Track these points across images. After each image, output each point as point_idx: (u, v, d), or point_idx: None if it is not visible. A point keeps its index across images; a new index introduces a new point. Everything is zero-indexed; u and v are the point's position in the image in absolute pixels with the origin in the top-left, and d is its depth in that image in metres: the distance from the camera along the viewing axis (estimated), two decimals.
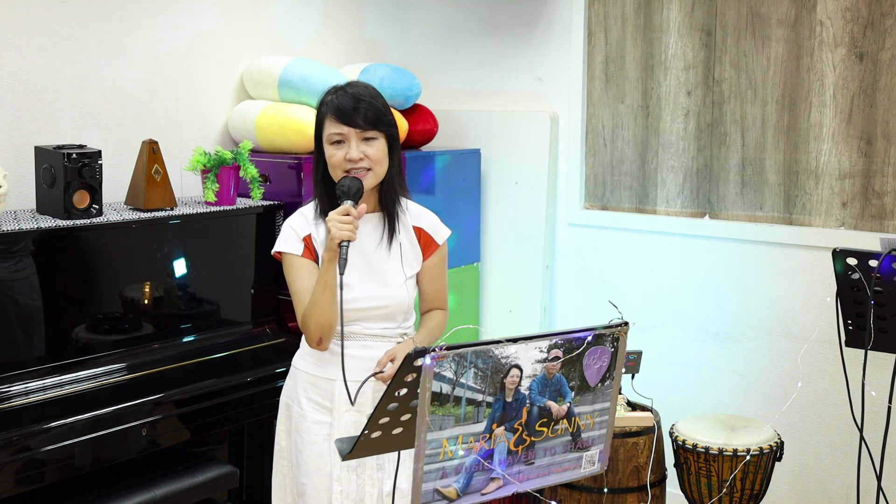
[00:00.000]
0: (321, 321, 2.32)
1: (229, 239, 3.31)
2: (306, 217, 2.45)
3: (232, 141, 3.74)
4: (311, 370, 2.45)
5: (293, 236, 2.42)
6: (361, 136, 2.35)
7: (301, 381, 2.46)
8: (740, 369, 3.69)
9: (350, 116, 2.33)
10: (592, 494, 3.18)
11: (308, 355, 2.46)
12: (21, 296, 2.75)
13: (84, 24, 3.25)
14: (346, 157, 2.33)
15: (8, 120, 3.08)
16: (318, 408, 2.43)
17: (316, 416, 2.42)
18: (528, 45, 4.16)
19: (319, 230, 2.41)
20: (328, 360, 2.41)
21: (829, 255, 2.87)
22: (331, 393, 2.41)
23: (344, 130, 2.34)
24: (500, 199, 4.23)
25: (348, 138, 2.34)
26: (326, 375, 2.42)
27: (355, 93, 2.37)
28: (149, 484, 2.82)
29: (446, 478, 1.72)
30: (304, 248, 2.40)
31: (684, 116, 3.77)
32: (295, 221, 2.44)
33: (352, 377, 2.38)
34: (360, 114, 2.34)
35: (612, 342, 1.87)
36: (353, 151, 2.33)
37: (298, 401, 2.46)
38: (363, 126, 2.34)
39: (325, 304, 2.30)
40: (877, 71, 3.33)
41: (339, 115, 2.34)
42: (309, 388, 2.44)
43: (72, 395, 2.75)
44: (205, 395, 2.94)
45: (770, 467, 3.13)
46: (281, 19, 3.93)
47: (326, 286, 2.29)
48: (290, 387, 2.51)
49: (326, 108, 2.38)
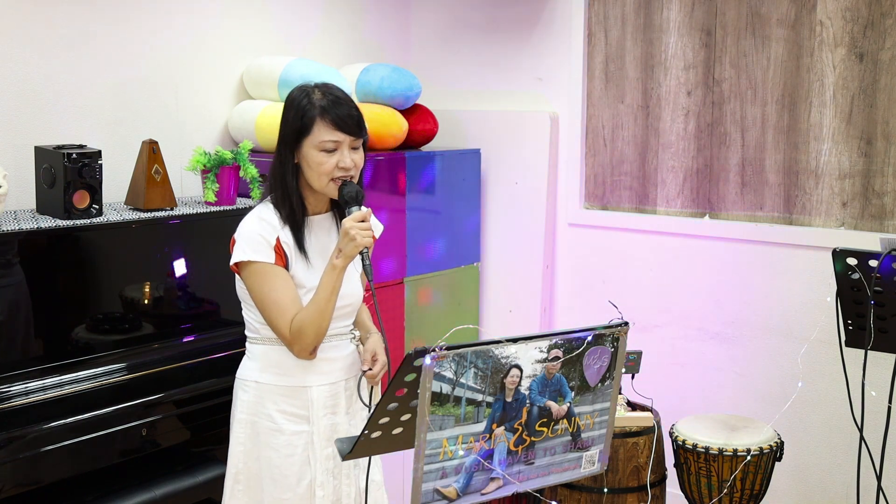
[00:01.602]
0: (322, 328, 2.27)
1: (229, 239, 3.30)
2: (269, 222, 2.32)
3: (232, 141, 3.74)
4: (282, 381, 2.36)
5: (263, 244, 2.29)
6: (353, 144, 2.30)
7: (268, 394, 2.36)
8: (740, 369, 3.69)
9: (347, 125, 2.27)
10: (592, 494, 3.18)
11: (273, 367, 2.37)
12: (21, 296, 2.75)
13: (84, 24, 3.25)
14: (339, 165, 2.28)
15: (8, 120, 3.08)
16: (293, 419, 2.36)
17: (293, 427, 2.35)
18: (528, 45, 4.16)
19: (287, 234, 2.32)
20: (301, 367, 2.35)
21: (829, 255, 2.87)
22: (307, 401, 2.36)
23: (340, 138, 2.27)
24: (500, 199, 4.23)
25: (341, 146, 2.28)
26: (300, 384, 2.36)
27: (342, 97, 2.31)
28: (149, 484, 2.82)
29: (446, 478, 1.72)
30: (275, 256, 2.30)
31: (684, 116, 3.77)
32: (259, 228, 2.31)
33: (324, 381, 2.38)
34: (355, 122, 2.29)
35: (612, 342, 1.87)
36: (346, 159, 2.28)
37: (269, 415, 2.36)
38: (357, 134, 2.30)
39: (329, 311, 2.25)
40: (877, 71, 3.33)
41: (339, 122, 2.26)
42: (280, 401, 2.36)
43: (72, 395, 2.74)
44: (205, 395, 2.94)
45: (770, 467, 3.13)
46: (281, 19, 3.93)
47: (334, 292, 2.24)
48: (251, 403, 2.38)
49: (317, 112, 2.27)
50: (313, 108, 2.28)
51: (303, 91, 2.32)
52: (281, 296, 2.27)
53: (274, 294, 2.28)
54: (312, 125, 2.27)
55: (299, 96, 2.31)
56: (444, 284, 4.02)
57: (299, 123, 2.28)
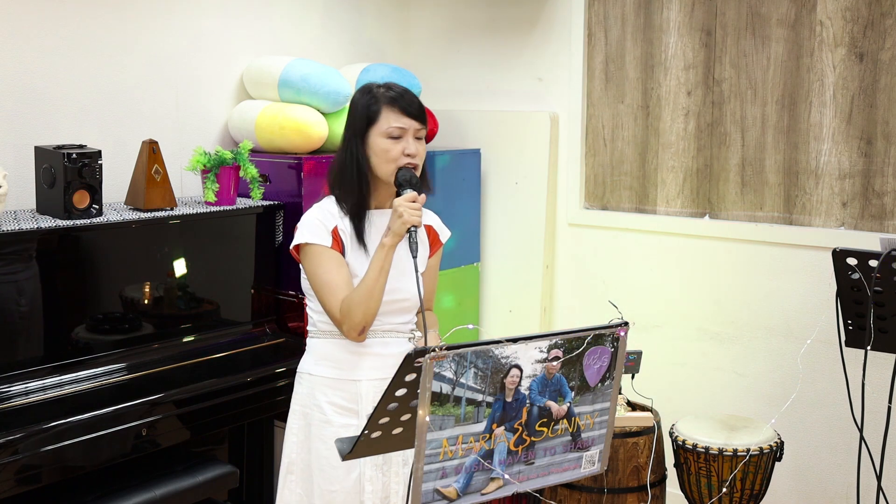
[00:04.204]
0: (372, 309, 2.31)
1: (229, 239, 3.31)
2: (330, 211, 2.43)
3: (232, 141, 3.74)
4: (332, 374, 2.42)
5: (321, 228, 2.39)
6: (418, 132, 2.39)
7: (320, 385, 2.43)
8: (740, 369, 3.69)
9: (413, 111, 2.37)
10: (592, 494, 3.18)
11: (325, 359, 2.43)
12: (21, 296, 2.75)
13: (84, 24, 3.25)
14: (404, 152, 2.36)
15: (8, 120, 3.08)
16: (342, 411, 2.40)
17: (342, 420, 2.40)
18: (528, 45, 4.16)
19: (346, 224, 2.41)
20: (351, 360, 2.40)
21: (829, 255, 2.87)
22: (356, 395, 2.40)
23: (407, 124, 2.36)
24: (500, 199, 4.23)
25: (407, 133, 2.37)
26: (350, 377, 2.40)
27: (405, 89, 2.42)
28: (149, 484, 2.82)
29: (446, 478, 1.72)
30: (332, 240, 2.38)
31: (684, 116, 3.77)
32: (320, 215, 2.42)
33: (374, 375, 2.40)
34: (419, 108, 2.39)
35: (612, 342, 1.87)
36: (411, 146, 2.36)
37: (319, 407, 2.42)
38: (422, 121, 2.39)
39: (379, 291, 2.30)
40: (877, 71, 3.33)
41: (405, 109, 2.37)
42: (330, 393, 2.41)
43: (72, 396, 2.75)
44: (205, 395, 2.94)
45: (770, 467, 3.13)
46: (281, 19, 3.93)
47: (382, 271, 2.30)
48: (305, 395, 2.46)
49: (383, 101, 2.38)
50: (380, 98, 2.39)
51: (367, 88, 2.43)
52: (334, 276, 2.35)
53: (327, 275, 2.36)
54: (380, 114, 2.38)
55: (364, 93, 2.43)
56: (444, 284, 4.02)
57: (367, 112, 2.39)
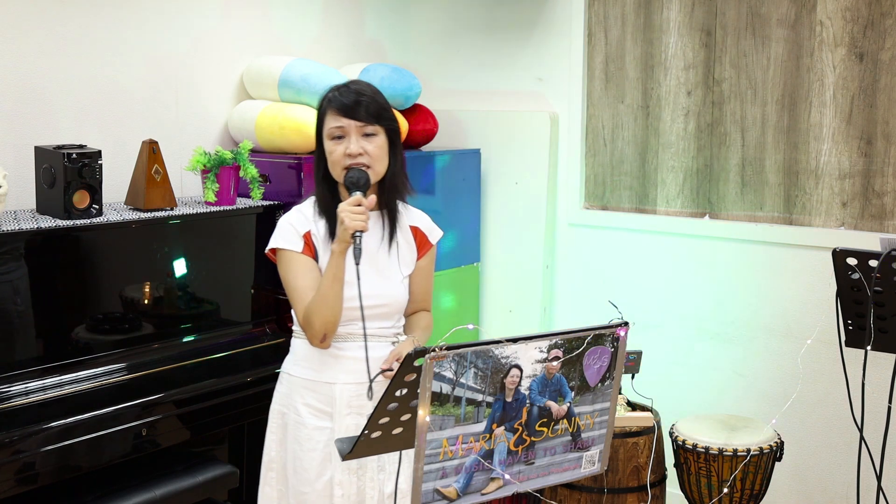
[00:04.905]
0: (327, 317, 2.29)
1: (229, 239, 3.31)
2: (304, 214, 2.42)
3: (232, 141, 3.74)
4: (309, 375, 2.40)
5: (292, 233, 2.38)
6: (362, 130, 2.34)
7: (297, 387, 2.42)
8: (740, 369, 3.69)
9: (351, 109, 2.33)
10: (592, 494, 3.18)
11: (303, 360, 2.42)
12: (21, 296, 2.75)
13: (84, 24, 3.25)
14: (345, 153, 2.32)
15: (8, 120, 3.08)
16: (317, 413, 2.39)
17: (315, 423, 2.39)
18: (528, 45, 4.16)
19: (319, 226, 2.39)
20: (328, 363, 2.39)
21: (829, 255, 2.87)
22: (331, 397, 2.38)
23: (344, 123, 2.33)
24: (500, 199, 4.23)
25: (348, 132, 2.33)
26: (325, 379, 2.39)
27: (357, 89, 2.38)
28: (149, 484, 2.82)
29: (446, 478, 1.72)
30: (304, 245, 2.37)
31: (684, 116, 3.77)
32: (293, 218, 2.42)
33: (349, 379, 2.38)
34: (362, 107, 2.33)
35: (612, 342, 1.87)
36: (352, 146, 2.32)
37: (295, 408, 2.41)
38: (364, 119, 2.33)
39: (333, 299, 2.28)
40: (877, 71, 3.33)
41: (341, 108, 2.33)
42: (306, 394, 2.40)
43: (71, 396, 2.75)
44: (204, 395, 2.94)
45: (770, 467, 3.13)
46: (281, 19, 3.93)
47: (335, 279, 2.27)
48: (284, 394, 2.46)
49: (328, 104, 2.37)
50: (326, 101, 2.39)
51: (329, 89, 2.41)
52: (300, 283, 2.35)
53: (294, 281, 2.36)
54: (325, 116, 2.37)
55: (324, 95, 2.42)
56: (444, 284, 4.02)
57: (318, 118, 2.40)
